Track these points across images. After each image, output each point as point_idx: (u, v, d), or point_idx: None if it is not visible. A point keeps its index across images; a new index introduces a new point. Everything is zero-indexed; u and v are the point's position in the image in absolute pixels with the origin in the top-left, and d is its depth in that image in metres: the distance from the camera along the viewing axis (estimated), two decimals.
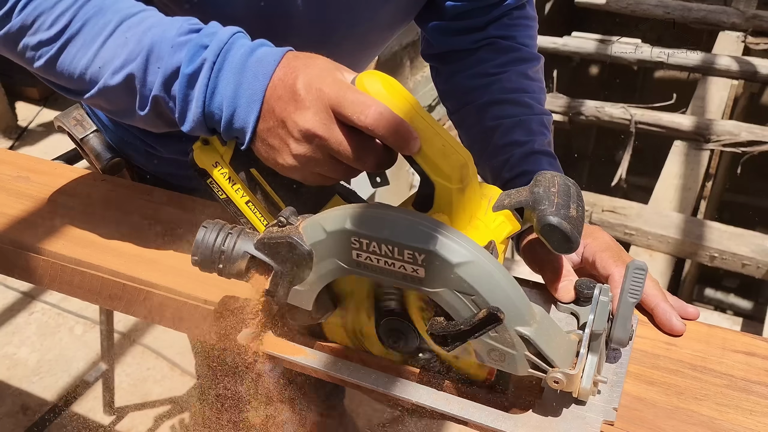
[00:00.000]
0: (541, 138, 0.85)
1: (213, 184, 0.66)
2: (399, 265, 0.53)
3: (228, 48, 0.61)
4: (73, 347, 2.15)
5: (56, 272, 0.77)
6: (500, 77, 0.90)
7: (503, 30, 0.93)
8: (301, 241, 0.56)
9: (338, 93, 0.57)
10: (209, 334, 0.67)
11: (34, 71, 0.69)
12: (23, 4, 0.65)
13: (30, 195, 0.91)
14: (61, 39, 0.65)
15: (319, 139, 0.58)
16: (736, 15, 3.81)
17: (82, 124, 1.01)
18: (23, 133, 3.39)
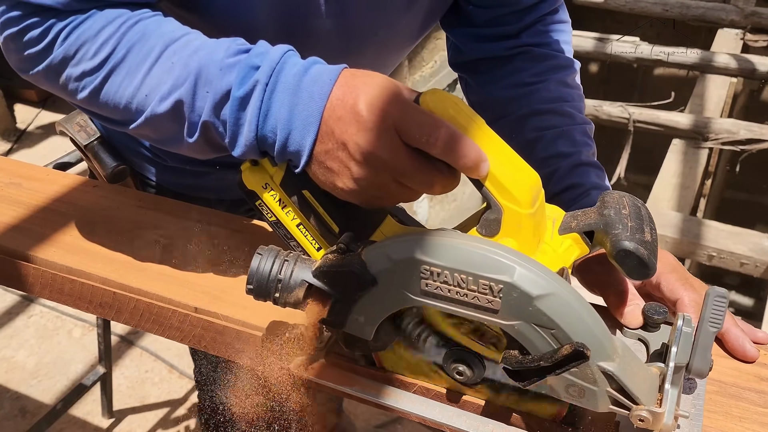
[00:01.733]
0: (587, 149, 0.83)
1: (262, 206, 0.63)
2: (472, 295, 0.51)
3: (280, 68, 0.59)
4: (72, 350, 2.15)
5: (47, 280, 0.77)
6: (538, 87, 0.87)
7: (537, 37, 0.90)
8: (364, 270, 0.54)
9: (404, 114, 0.54)
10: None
11: (78, 103, 0.67)
12: (66, 33, 0.62)
13: (22, 202, 0.90)
14: (105, 68, 0.62)
15: (382, 163, 0.55)
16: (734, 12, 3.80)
17: (86, 130, 0.98)
18: (22, 136, 3.39)
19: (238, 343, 0.69)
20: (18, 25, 0.63)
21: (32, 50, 0.64)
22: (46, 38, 0.63)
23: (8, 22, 0.63)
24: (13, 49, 0.65)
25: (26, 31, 0.63)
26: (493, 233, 0.56)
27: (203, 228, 0.85)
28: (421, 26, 0.90)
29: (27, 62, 0.65)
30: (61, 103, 3.64)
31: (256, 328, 0.69)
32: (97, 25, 0.62)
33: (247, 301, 0.71)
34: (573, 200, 0.78)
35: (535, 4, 0.89)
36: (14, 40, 0.64)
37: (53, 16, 0.62)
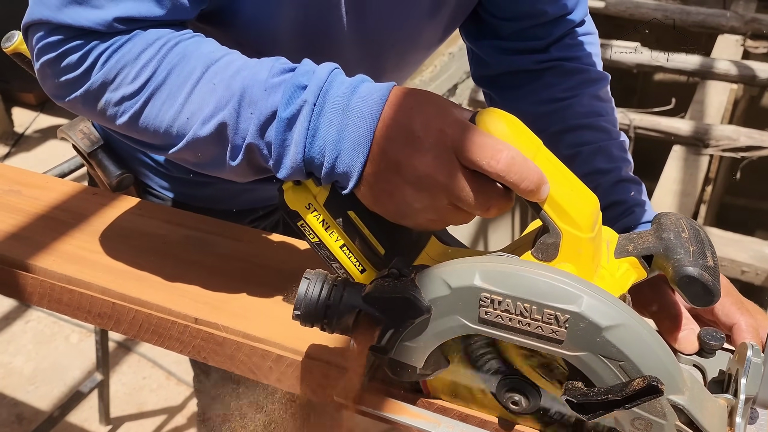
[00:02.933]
0: (625, 164, 0.81)
1: (304, 227, 0.61)
2: (535, 325, 0.49)
3: (328, 87, 0.56)
4: (69, 356, 2.14)
5: (45, 290, 0.77)
6: (571, 102, 0.85)
7: (567, 51, 0.88)
8: (418, 296, 0.52)
9: (463, 135, 0.52)
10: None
11: (116, 129, 0.65)
12: (105, 57, 0.61)
13: (21, 209, 0.90)
14: (146, 91, 0.60)
15: (439, 185, 0.53)
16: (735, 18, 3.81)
17: (90, 138, 0.96)
18: (20, 139, 3.38)
19: (239, 355, 0.68)
20: (56, 50, 0.61)
21: (70, 75, 0.62)
22: (84, 63, 0.61)
23: (46, 48, 0.62)
24: (50, 75, 0.64)
25: (65, 56, 0.61)
26: (551, 258, 0.54)
27: (203, 237, 0.85)
28: (441, 36, 0.89)
29: (64, 88, 0.63)
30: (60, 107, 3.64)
31: (256, 339, 0.68)
32: (136, 48, 0.60)
33: (247, 312, 0.71)
34: (616, 218, 0.77)
35: (561, 17, 0.87)
36: (52, 66, 0.62)
37: (94, 39, 0.61)
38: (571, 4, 0.87)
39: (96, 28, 0.60)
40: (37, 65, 0.64)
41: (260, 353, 0.67)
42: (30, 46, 0.65)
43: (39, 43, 0.63)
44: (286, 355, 0.66)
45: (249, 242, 0.83)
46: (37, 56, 0.64)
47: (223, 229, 0.86)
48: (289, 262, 0.80)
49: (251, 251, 0.82)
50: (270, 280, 0.76)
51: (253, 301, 0.73)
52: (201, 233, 0.85)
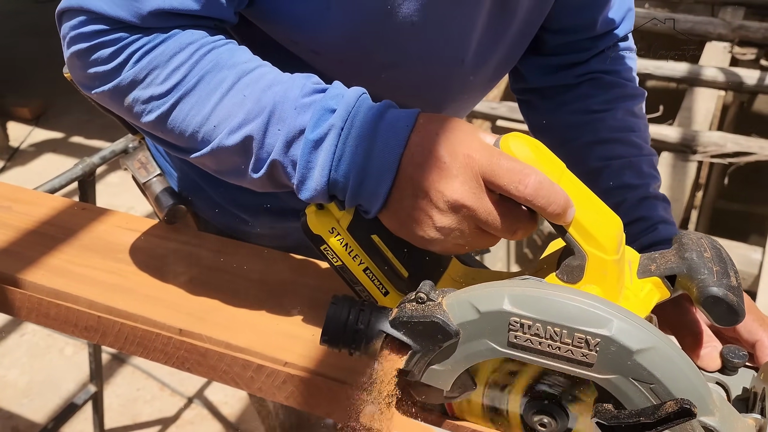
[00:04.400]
0: (654, 181, 0.81)
1: (327, 251, 0.61)
2: (565, 349, 0.49)
3: (356, 112, 0.57)
4: (63, 369, 2.15)
5: (33, 305, 0.78)
6: (605, 115, 0.85)
7: (607, 64, 0.88)
8: (447, 320, 0.52)
9: (490, 160, 0.52)
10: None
11: (141, 126, 0.65)
12: (138, 57, 0.60)
13: (11, 225, 0.91)
14: (175, 94, 0.60)
15: (467, 210, 0.53)
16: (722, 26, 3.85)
17: (146, 168, 0.95)
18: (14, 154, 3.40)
19: (221, 365, 0.70)
20: (89, 41, 0.61)
21: (100, 69, 0.62)
22: (116, 59, 0.61)
23: (78, 38, 0.61)
24: (79, 66, 0.63)
25: (96, 49, 0.61)
26: (576, 280, 0.54)
27: (189, 250, 0.87)
28: (505, 69, 0.86)
29: (93, 80, 0.63)
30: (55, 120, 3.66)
31: (239, 349, 0.70)
32: (169, 51, 0.60)
33: (230, 323, 0.73)
34: (639, 234, 0.77)
35: (610, 31, 0.87)
36: (81, 57, 0.62)
37: (129, 35, 0.60)
38: (618, 18, 0.87)
39: (131, 20, 0.59)
40: (67, 53, 0.63)
41: (241, 363, 0.69)
42: (62, 34, 0.64)
43: (72, 31, 0.62)
44: (266, 364, 0.68)
45: (233, 254, 0.85)
46: (68, 44, 0.63)
47: (208, 242, 0.88)
48: (272, 273, 0.82)
49: (235, 263, 0.83)
50: (253, 291, 0.78)
51: (236, 312, 0.75)
52: (187, 246, 0.87)
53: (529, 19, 0.80)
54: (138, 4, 0.59)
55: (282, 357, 0.68)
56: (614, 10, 0.86)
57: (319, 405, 0.67)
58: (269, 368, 0.68)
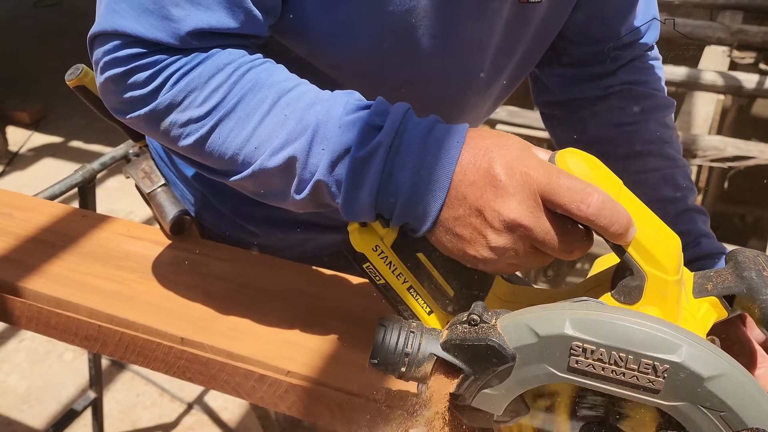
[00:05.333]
0: (691, 193, 0.80)
1: (371, 269, 0.60)
2: (630, 375, 0.47)
3: (403, 129, 0.55)
4: (63, 374, 2.14)
5: (33, 314, 0.78)
6: (637, 127, 0.83)
7: (635, 74, 0.86)
8: (503, 344, 0.50)
9: (550, 178, 0.51)
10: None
11: (178, 150, 0.63)
12: (175, 79, 0.59)
13: (12, 232, 0.91)
14: (214, 116, 0.59)
15: (524, 230, 0.52)
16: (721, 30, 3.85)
17: (150, 177, 0.93)
18: (14, 158, 3.40)
19: (222, 375, 0.70)
20: (125, 66, 0.59)
21: (136, 93, 0.60)
22: (153, 82, 0.59)
23: (114, 62, 0.60)
24: (114, 91, 0.62)
25: (132, 73, 0.59)
26: (634, 301, 0.53)
27: (191, 257, 0.86)
28: (522, 74, 0.85)
29: (128, 105, 0.61)
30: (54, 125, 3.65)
31: (241, 358, 0.69)
32: (207, 72, 0.59)
33: (232, 331, 0.73)
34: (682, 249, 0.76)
35: (636, 40, 0.85)
36: (117, 81, 0.60)
37: (166, 57, 0.59)
38: (644, 28, 0.86)
39: (169, 41, 0.58)
40: (101, 79, 0.62)
41: (243, 373, 0.68)
42: (95, 59, 0.62)
43: (106, 56, 0.60)
44: (268, 374, 0.68)
45: (235, 262, 0.85)
46: (102, 70, 0.61)
47: (209, 250, 0.88)
48: (274, 282, 0.81)
49: (237, 271, 0.83)
50: (255, 300, 0.78)
51: (238, 321, 0.75)
52: (188, 254, 0.87)
53: (543, 29, 0.79)
54: (176, 24, 0.58)
55: (284, 366, 0.68)
56: (639, 19, 0.85)
57: (322, 415, 0.67)
58: (271, 378, 0.67)
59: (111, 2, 0.59)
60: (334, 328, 0.73)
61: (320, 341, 0.71)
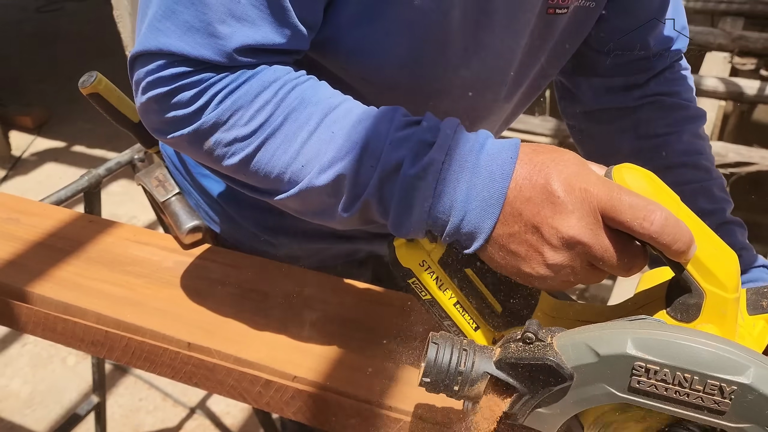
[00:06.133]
0: (728, 205, 0.79)
1: (417, 284, 0.59)
2: (695, 396, 0.46)
3: (455, 144, 0.54)
4: (66, 378, 2.14)
5: (39, 320, 0.79)
6: (670, 138, 0.82)
7: (666, 86, 0.85)
8: (561, 363, 0.49)
9: (611, 195, 0.50)
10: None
11: (221, 170, 0.62)
12: (221, 98, 0.58)
13: (19, 237, 0.92)
14: (260, 135, 0.58)
15: (582, 247, 0.51)
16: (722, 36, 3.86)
17: (164, 186, 0.93)
18: (17, 163, 3.41)
19: (229, 380, 0.70)
20: (169, 85, 0.58)
21: (179, 113, 0.59)
22: (197, 102, 0.58)
23: (158, 82, 0.59)
24: (156, 111, 0.60)
25: (176, 93, 0.58)
26: (692, 318, 0.52)
27: (197, 262, 0.87)
28: (546, 79, 0.85)
29: (170, 125, 0.60)
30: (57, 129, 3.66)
31: (247, 363, 0.70)
32: (254, 90, 0.58)
33: (239, 336, 0.73)
34: None
35: (665, 50, 0.84)
36: (160, 101, 0.59)
37: (211, 76, 0.58)
38: (673, 36, 0.85)
39: (216, 59, 0.57)
40: (142, 99, 0.60)
41: (249, 379, 0.69)
42: (135, 79, 0.61)
43: (149, 76, 0.59)
44: (275, 379, 0.68)
45: (242, 268, 0.86)
46: (144, 90, 0.60)
47: (216, 255, 0.89)
48: (280, 287, 0.82)
49: (243, 276, 0.84)
50: (262, 305, 0.78)
51: (245, 326, 0.75)
52: (194, 258, 0.88)
53: (566, 39, 0.78)
54: (223, 41, 0.57)
55: (291, 371, 0.68)
56: (668, 29, 0.84)
57: (327, 420, 0.67)
58: (277, 383, 0.68)
59: (154, 21, 0.58)
60: (340, 334, 0.74)
61: (326, 347, 0.71)
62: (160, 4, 0.58)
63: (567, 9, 0.72)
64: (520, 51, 0.73)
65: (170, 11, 0.57)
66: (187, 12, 0.57)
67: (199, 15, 0.57)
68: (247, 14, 0.57)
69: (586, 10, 0.76)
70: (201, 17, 0.57)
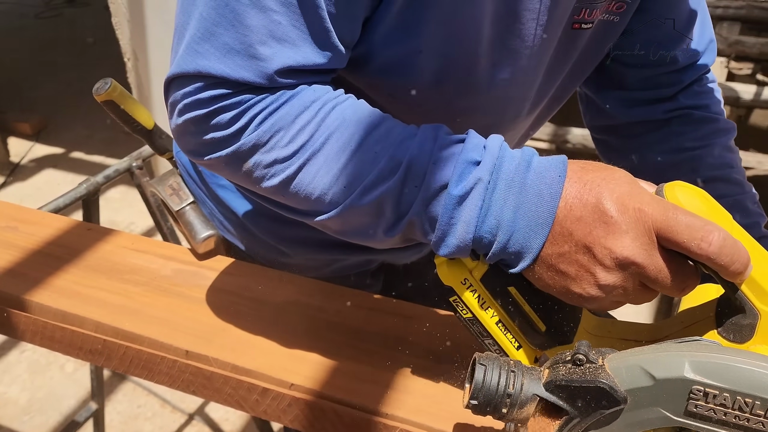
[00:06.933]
0: (762, 219, 0.78)
1: (458, 303, 0.58)
2: (755, 420, 0.46)
3: (500, 163, 0.53)
4: (64, 385, 2.14)
5: (38, 328, 0.79)
6: (701, 152, 0.81)
7: (695, 99, 0.84)
8: (615, 386, 0.48)
9: (666, 215, 0.49)
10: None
11: (259, 190, 0.61)
12: (261, 119, 0.57)
13: (17, 245, 0.92)
14: (301, 156, 0.57)
15: (636, 267, 0.50)
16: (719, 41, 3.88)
17: (179, 194, 0.91)
18: (15, 169, 3.41)
19: (226, 388, 0.70)
20: (207, 107, 0.57)
21: (217, 134, 0.58)
22: (237, 123, 0.57)
23: (195, 104, 0.58)
24: (193, 133, 0.59)
25: (215, 115, 0.57)
26: (745, 339, 0.52)
27: (194, 270, 0.87)
28: (570, 90, 0.84)
29: (208, 147, 0.59)
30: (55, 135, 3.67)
31: (245, 371, 0.70)
32: (294, 111, 0.57)
33: (237, 344, 0.74)
34: None
35: (693, 63, 0.84)
36: (198, 123, 0.58)
37: (251, 97, 0.57)
38: (701, 49, 0.84)
39: (257, 81, 0.56)
40: (179, 121, 0.59)
41: (246, 386, 0.69)
42: (171, 101, 0.60)
43: (186, 99, 0.58)
44: (272, 387, 0.68)
45: (239, 276, 0.86)
46: (180, 112, 0.59)
47: (214, 263, 0.89)
48: (278, 295, 0.82)
49: (241, 284, 0.84)
50: (259, 313, 0.79)
51: (243, 334, 0.75)
52: (192, 266, 0.88)
53: (589, 52, 0.78)
54: (264, 63, 0.56)
55: (288, 379, 0.69)
56: (696, 42, 0.83)
57: (324, 428, 0.67)
58: (274, 391, 0.68)
59: (192, 44, 0.57)
60: (337, 342, 0.74)
61: (324, 355, 0.72)
62: (198, 26, 0.57)
63: (592, 24, 0.72)
64: (544, 67, 0.72)
65: (209, 33, 0.56)
66: (227, 34, 0.56)
67: (239, 37, 0.56)
68: (288, 35, 0.56)
69: (610, 24, 0.76)
70: (242, 39, 0.56)
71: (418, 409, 0.65)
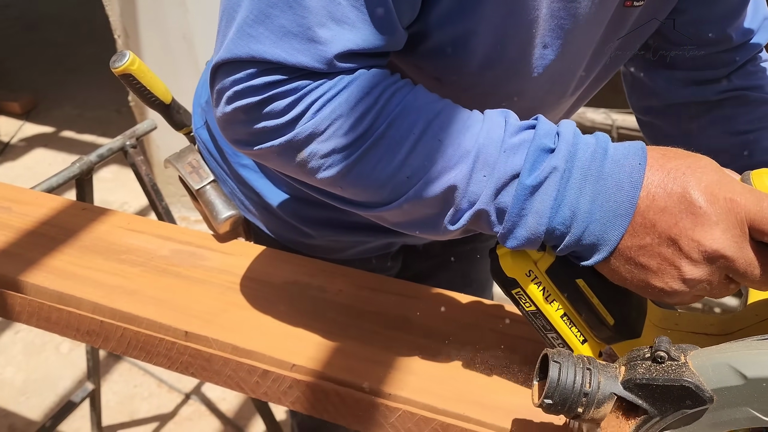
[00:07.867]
0: None
1: (521, 295, 0.56)
2: None
3: (575, 150, 0.51)
4: (60, 366, 2.14)
5: (34, 309, 0.78)
6: (757, 135, 0.78)
7: (749, 79, 0.81)
8: (700, 385, 0.47)
9: (760, 206, 0.47)
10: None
11: (312, 182, 0.58)
12: (318, 106, 0.54)
13: (11, 226, 0.91)
14: (362, 145, 0.54)
15: (725, 261, 0.48)
16: None
17: (198, 173, 0.88)
18: (5, 149, 3.37)
19: (226, 370, 0.70)
20: (260, 94, 0.54)
21: (270, 123, 0.55)
22: (291, 111, 0.54)
23: (247, 91, 0.54)
24: (243, 122, 0.56)
25: (268, 102, 0.54)
26: None
27: (192, 250, 0.86)
28: (611, 73, 0.81)
29: (258, 136, 0.56)
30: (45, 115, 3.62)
31: (245, 352, 0.69)
32: (353, 98, 0.54)
33: (237, 325, 0.73)
34: None
35: (746, 42, 0.80)
36: (249, 111, 0.55)
37: (308, 83, 0.54)
38: (755, 27, 0.80)
39: (315, 66, 0.53)
40: (227, 109, 0.56)
41: (246, 368, 0.68)
42: (219, 88, 0.56)
43: (237, 85, 0.55)
44: (272, 369, 0.67)
45: (239, 255, 0.85)
46: (229, 100, 0.55)
47: (212, 243, 0.88)
48: (279, 275, 0.81)
49: (241, 264, 0.83)
50: (260, 293, 0.78)
51: (243, 314, 0.75)
52: (190, 247, 0.87)
53: (632, 34, 0.75)
54: (323, 47, 0.53)
55: (289, 360, 0.68)
56: (749, 19, 0.80)
57: (326, 410, 0.67)
58: (275, 373, 0.67)
59: (244, 26, 0.53)
60: (339, 322, 0.73)
61: (326, 335, 0.71)
62: (251, 7, 0.53)
63: (643, 1, 0.69)
64: (592, 48, 0.70)
65: (264, 15, 0.53)
66: (283, 16, 0.52)
67: (297, 19, 0.52)
68: (347, 16, 0.53)
69: (661, 2, 0.74)
70: (300, 21, 0.52)
71: (421, 389, 0.64)
